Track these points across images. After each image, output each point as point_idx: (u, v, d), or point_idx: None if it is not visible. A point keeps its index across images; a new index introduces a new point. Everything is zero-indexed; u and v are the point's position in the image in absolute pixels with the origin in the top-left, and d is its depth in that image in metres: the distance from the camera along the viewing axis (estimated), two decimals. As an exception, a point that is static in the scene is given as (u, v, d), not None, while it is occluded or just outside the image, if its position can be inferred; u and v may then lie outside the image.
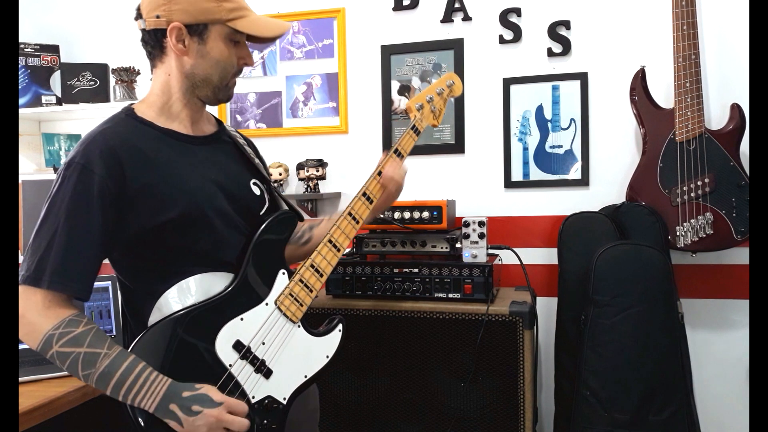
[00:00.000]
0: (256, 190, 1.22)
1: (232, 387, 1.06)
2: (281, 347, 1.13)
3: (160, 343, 1.03)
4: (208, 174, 1.13)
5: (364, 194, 1.30)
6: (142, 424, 1.00)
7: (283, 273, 1.17)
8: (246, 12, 1.13)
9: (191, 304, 1.06)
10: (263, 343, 1.11)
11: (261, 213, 1.21)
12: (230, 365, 1.07)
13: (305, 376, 1.15)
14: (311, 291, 1.18)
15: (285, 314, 1.14)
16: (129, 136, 1.07)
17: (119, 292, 1.14)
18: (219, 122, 1.27)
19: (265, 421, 1.09)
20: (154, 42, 1.11)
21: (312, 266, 1.19)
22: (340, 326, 1.22)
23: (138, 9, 1.12)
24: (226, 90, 1.17)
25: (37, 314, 0.98)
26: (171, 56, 1.11)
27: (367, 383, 1.90)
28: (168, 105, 1.14)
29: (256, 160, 1.28)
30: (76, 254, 0.99)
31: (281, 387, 1.12)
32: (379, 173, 1.32)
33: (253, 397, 1.09)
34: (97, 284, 1.83)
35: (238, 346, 1.08)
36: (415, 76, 2.32)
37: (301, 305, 1.16)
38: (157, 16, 1.08)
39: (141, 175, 1.04)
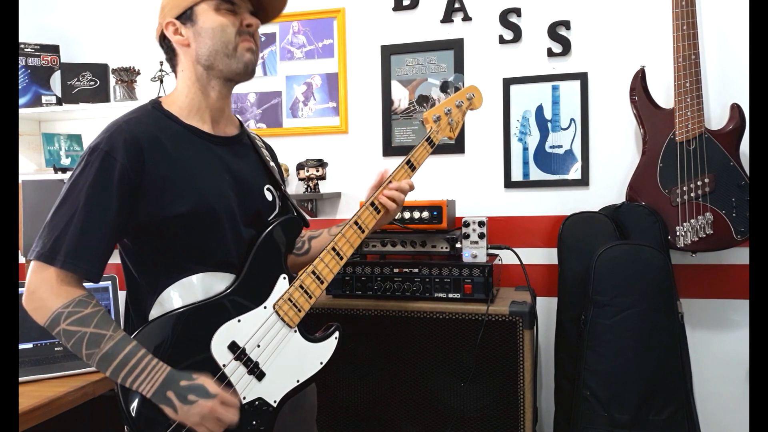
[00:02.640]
0: (269, 196, 1.23)
1: (224, 386, 1.08)
2: (276, 351, 1.14)
3: (158, 337, 1.05)
4: (222, 175, 1.15)
5: (372, 204, 1.29)
6: (133, 414, 1.03)
7: (284, 278, 1.18)
8: None
9: (192, 301, 1.08)
10: (258, 346, 1.12)
11: (270, 218, 1.22)
12: (224, 365, 1.08)
13: (297, 381, 1.16)
14: (310, 297, 1.19)
15: (282, 319, 1.15)
16: (153, 127, 1.10)
17: (126, 284, 1.16)
18: (242, 125, 1.29)
19: (254, 422, 1.10)
20: (166, 48, 1.18)
21: (313, 273, 1.20)
22: (336, 334, 1.22)
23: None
24: (236, 57, 1.14)
25: (49, 291, 1.01)
26: (180, 53, 1.16)
27: (367, 383, 1.90)
28: (189, 100, 1.16)
29: (272, 164, 1.29)
30: (91, 238, 1.03)
31: (273, 390, 1.13)
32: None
33: (244, 398, 1.10)
34: (97, 284, 1.85)
35: (233, 347, 1.09)
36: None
37: (299, 311, 1.17)
38: (159, 23, 1.16)
39: (159, 167, 1.07)
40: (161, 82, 2.44)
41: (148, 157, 1.06)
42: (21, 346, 1.72)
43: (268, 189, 1.24)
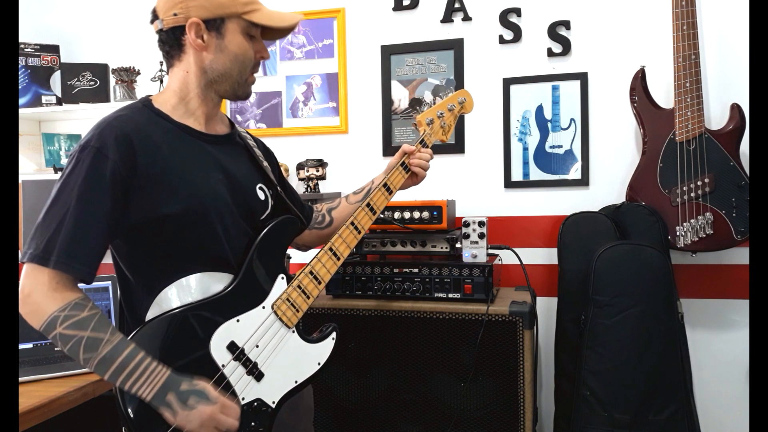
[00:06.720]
0: (261, 195, 1.23)
1: (224, 387, 1.07)
2: (274, 351, 1.14)
3: (156, 338, 1.04)
4: (215, 174, 1.13)
5: (368, 204, 1.32)
6: (132, 416, 1.01)
7: (282, 278, 1.17)
8: (259, 5, 1.15)
9: (190, 302, 1.07)
10: (257, 346, 1.12)
11: (262, 218, 1.22)
12: (223, 365, 1.08)
13: (296, 382, 1.16)
14: (308, 297, 1.19)
15: (281, 319, 1.15)
16: (144, 125, 1.08)
17: (120, 287, 1.14)
18: (232, 124, 1.28)
19: (253, 423, 1.10)
20: (172, 41, 1.13)
21: (311, 273, 1.21)
22: (333, 334, 1.22)
23: (154, 12, 1.14)
24: (245, 85, 1.18)
25: (43, 294, 0.98)
26: (190, 54, 1.13)
27: (367, 383, 1.90)
28: (185, 101, 1.15)
29: (265, 163, 1.29)
30: (85, 237, 1.00)
31: (271, 391, 1.13)
32: (401, 171, 1.37)
33: (243, 399, 1.09)
34: (97, 284, 1.85)
35: (232, 347, 1.09)
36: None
37: (297, 311, 1.17)
38: (175, 14, 1.10)
39: (151, 165, 1.05)
40: (161, 82, 2.44)
41: (140, 155, 1.04)
42: (21, 346, 1.72)
43: (260, 188, 1.23)
